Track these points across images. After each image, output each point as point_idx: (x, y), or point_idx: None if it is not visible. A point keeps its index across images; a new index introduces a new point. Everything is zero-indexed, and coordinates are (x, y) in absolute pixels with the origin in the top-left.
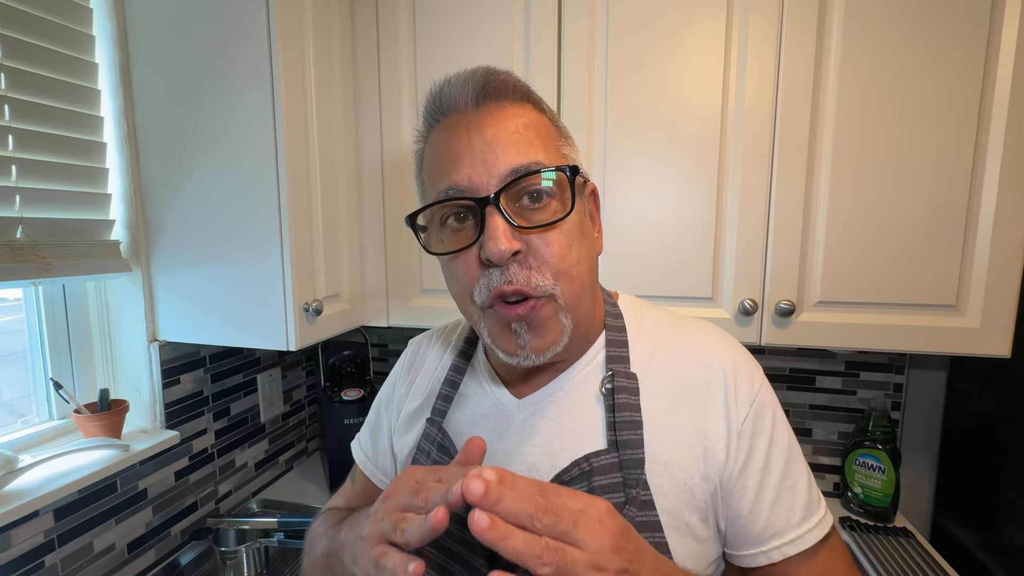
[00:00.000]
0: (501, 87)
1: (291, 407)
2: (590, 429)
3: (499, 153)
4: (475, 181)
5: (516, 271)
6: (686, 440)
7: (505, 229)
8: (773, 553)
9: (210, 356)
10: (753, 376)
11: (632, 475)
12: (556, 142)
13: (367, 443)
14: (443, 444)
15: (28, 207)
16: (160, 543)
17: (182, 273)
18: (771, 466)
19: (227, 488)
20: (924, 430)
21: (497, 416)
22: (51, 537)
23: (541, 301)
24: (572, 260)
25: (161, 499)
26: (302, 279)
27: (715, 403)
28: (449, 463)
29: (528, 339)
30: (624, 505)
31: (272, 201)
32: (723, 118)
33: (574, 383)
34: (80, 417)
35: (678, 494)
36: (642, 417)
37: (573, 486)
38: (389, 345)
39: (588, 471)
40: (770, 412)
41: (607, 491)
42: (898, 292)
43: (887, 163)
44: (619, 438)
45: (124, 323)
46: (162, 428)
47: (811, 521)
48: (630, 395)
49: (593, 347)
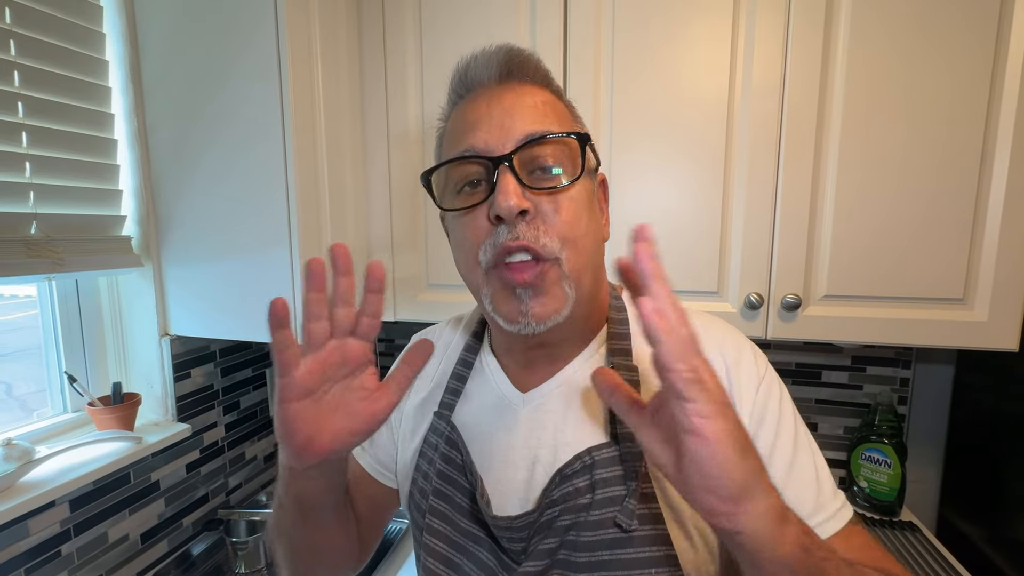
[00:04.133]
0: (524, 65)
1: None
2: (592, 423)
3: (516, 119)
4: (491, 143)
5: (524, 229)
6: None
7: (516, 187)
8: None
9: (220, 350)
10: (757, 367)
11: (633, 468)
12: (571, 123)
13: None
14: (451, 437)
15: (42, 203)
16: (172, 534)
17: (192, 268)
18: (775, 457)
19: (237, 480)
20: (930, 424)
21: (502, 409)
22: (67, 527)
23: (547, 265)
24: (580, 229)
25: (173, 491)
26: None
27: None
28: (457, 458)
29: (530, 305)
30: (624, 498)
31: (280, 195)
32: (729, 111)
33: (577, 376)
34: (94, 410)
35: None
36: None
37: (575, 480)
38: (395, 340)
39: (590, 464)
40: (776, 398)
41: (608, 484)
42: (905, 285)
43: (895, 155)
44: (619, 431)
45: (136, 318)
46: (174, 421)
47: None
48: (631, 387)
49: (596, 339)
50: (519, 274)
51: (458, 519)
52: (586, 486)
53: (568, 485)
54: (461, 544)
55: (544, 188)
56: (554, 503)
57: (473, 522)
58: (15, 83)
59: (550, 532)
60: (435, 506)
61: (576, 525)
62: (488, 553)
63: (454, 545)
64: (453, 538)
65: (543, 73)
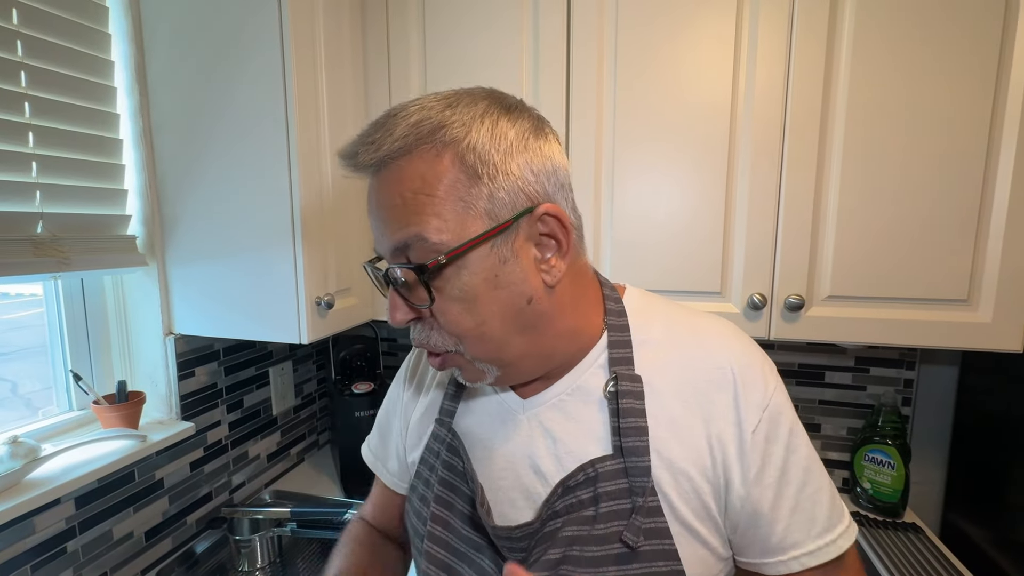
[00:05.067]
0: (378, 152)
1: (302, 400)
2: (596, 432)
3: (383, 230)
4: (379, 250)
5: (419, 331)
6: (695, 446)
7: (398, 303)
8: (792, 563)
9: (224, 349)
10: (767, 380)
11: (638, 482)
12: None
13: (377, 447)
14: (452, 444)
15: (48, 203)
16: (176, 531)
17: (197, 268)
18: (789, 475)
19: (241, 479)
20: (934, 425)
21: (503, 416)
22: (72, 524)
23: (449, 354)
24: (470, 325)
25: (177, 489)
26: (314, 273)
27: (725, 408)
28: (459, 465)
29: (458, 372)
30: (631, 512)
31: (284, 196)
32: (733, 111)
33: (578, 384)
34: (99, 408)
35: (686, 501)
36: (648, 422)
37: (579, 491)
38: (398, 339)
39: (593, 476)
40: (786, 418)
41: (612, 497)
42: (909, 286)
43: (899, 155)
44: (624, 444)
45: (140, 317)
46: (178, 419)
47: (834, 532)
48: (634, 399)
49: (595, 348)
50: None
51: (459, 526)
52: (589, 499)
53: (571, 497)
54: (462, 551)
55: (418, 306)
56: (556, 514)
57: (474, 529)
58: (22, 83)
59: (553, 543)
60: (437, 513)
61: (580, 539)
62: (489, 561)
63: (455, 552)
64: (454, 545)
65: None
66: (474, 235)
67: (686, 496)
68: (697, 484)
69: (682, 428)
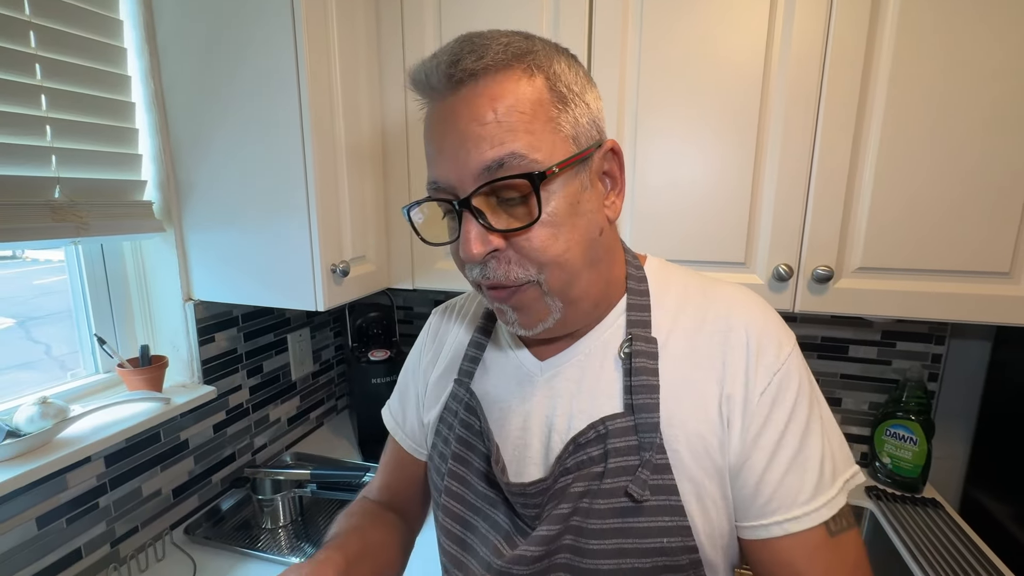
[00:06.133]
0: (477, 62)
1: (320, 366)
2: (608, 392)
3: (471, 149)
4: (451, 179)
5: (494, 267)
6: (705, 406)
7: (478, 233)
8: (773, 528)
9: (242, 315)
10: (781, 344)
11: (647, 439)
12: (548, 115)
13: (397, 410)
14: (470, 404)
15: (64, 167)
16: (202, 490)
17: (213, 234)
18: (786, 439)
19: (262, 441)
20: (962, 401)
21: (520, 378)
22: (103, 481)
23: (523, 288)
24: (557, 250)
25: (201, 449)
26: (329, 240)
27: (736, 369)
28: (476, 424)
29: (516, 317)
30: (638, 468)
31: (298, 160)
32: (765, 73)
33: (594, 346)
34: (124, 371)
35: (696, 460)
36: (660, 381)
37: (589, 448)
38: (414, 308)
39: (604, 434)
40: (795, 384)
41: (621, 453)
42: (946, 258)
43: (943, 117)
44: (635, 402)
45: (160, 282)
46: (200, 383)
47: (819, 500)
48: (648, 359)
49: (613, 311)
50: (498, 294)
51: (475, 482)
52: (599, 455)
53: (582, 454)
54: (478, 507)
55: (511, 227)
56: (567, 471)
57: (490, 486)
58: (31, 44)
59: (564, 498)
60: (454, 470)
61: (589, 493)
62: (504, 516)
63: (471, 507)
64: (470, 500)
65: (504, 54)
66: (562, 158)
67: (695, 454)
68: (707, 443)
69: (694, 389)
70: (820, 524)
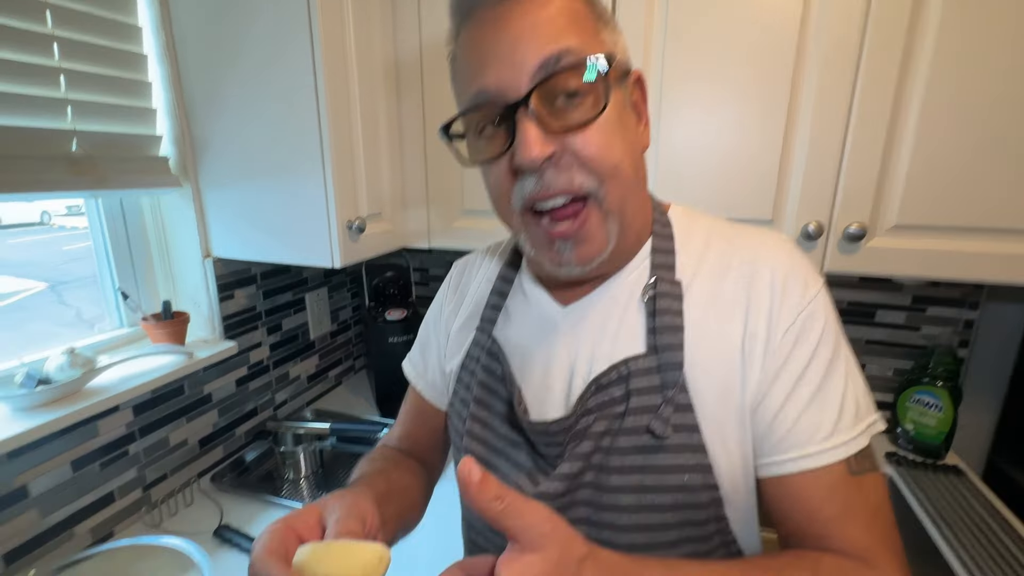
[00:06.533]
0: None
1: (338, 326)
2: (631, 335)
3: (527, 47)
4: (504, 82)
5: (552, 176)
6: (728, 347)
7: (537, 134)
8: (789, 464)
9: (261, 274)
10: (808, 284)
11: (670, 378)
12: (592, 26)
13: (418, 361)
14: (492, 350)
15: (79, 120)
16: (227, 441)
17: (230, 190)
18: (807, 375)
19: (283, 397)
20: (993, 368)
21: (543, 323)
22: (132, 430)
23: (586, 209)
24: (615, 157)
25: (225, 403)
26: (344, 196)
27: (760, 309)
28: (498, 369)
29: (571, 255)
30: (660, 406)
31: (311, 114)
32: (803, 16)
33: (618, 290)
34: (147, 325)
35: (718, 400)
36: (684, 322)
37: (611, 389)
38: (430, 270)
39: (626, 375)
40: (820, 323)
41: (643, 394)
42: (992, 214)
43: (997, 65)
44: (658, 342)
45: (179, 240)
46: (221, 339)
47: (839, 438)
48: (673, 300)
49: (639, 254)
50: (556, 227)
51: (497, 425)
52: (621, 395)
53: (603, 394)
54: (499, 448)
55: (571, 126)
56: (589, 411)
57: (512, 428)
58: None
59: (585, 437)
60: (476, 413)
61: (610, 432)
62: (526, 457)
63: (493, 449)
64: (492, 443)
65: None
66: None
67: (717, 395)
68: (729, 383)
69: (718, 331)
70: (840, 462)
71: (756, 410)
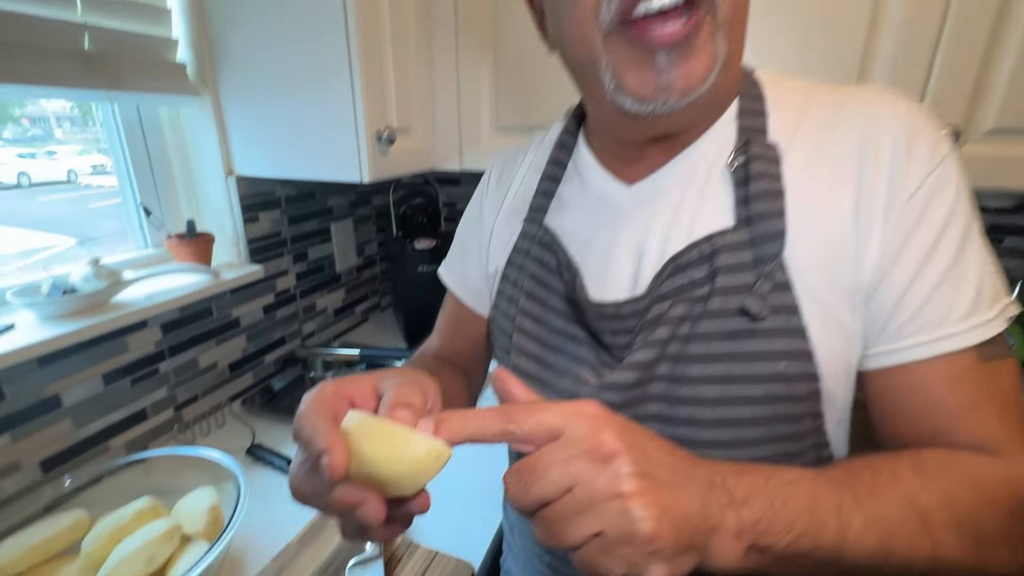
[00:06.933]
0: None
1: (364, 261)
2: (715, 210)
3: None
4: None
5: None
6: (837, 215)
7: None
8: (917, 349)
9: (285, 198)
10: (937, 144)
11: (767, 250)
12: None
13: (456, 265)
14: (544, 240)
15: (89, 12)
16: (256, 368)
17: (252, 101)
18: (941, 247)
19: (311, 328)
20: None
21: (604, 206)
22: (161, 348)
23: (700, 11)
24: None
25: (253, 329)
26: (373, 103)
27: (879, 170)
28: (551, 260)
29: (673, 75)
30: (755, 283)
31: (338, 15)
32: None
33: (698, 160)
34: (172, 243)
35: (823, 277)
36: (783, 187)
37: (690, 271)
38: (458, 204)
39: (709, 253)
40: (952, 188)
41: (732, 272)
42: None
43: None
44: (752, 212)
45: (200, 157)
46: (247, 262)
47: (975, 319)
48: (769, 164)
49: (723, 118)
50: (662, 28)
51: (552, 319)
52: (703, 276)
53: (681, 276)
54: (556, 344)
55: None
56: (663, 297)
57: (570, 322)
58: None
59: (661, 323)
60: (527, 308)
61: (691, 316)
62: (588, 350)
63: (548, 346)
64: (546, 339)
65: None
66: None
67: (823, 270)
68: (838, 257)
69: (824, 197)
70: (971, 346)
71: (876, 289)
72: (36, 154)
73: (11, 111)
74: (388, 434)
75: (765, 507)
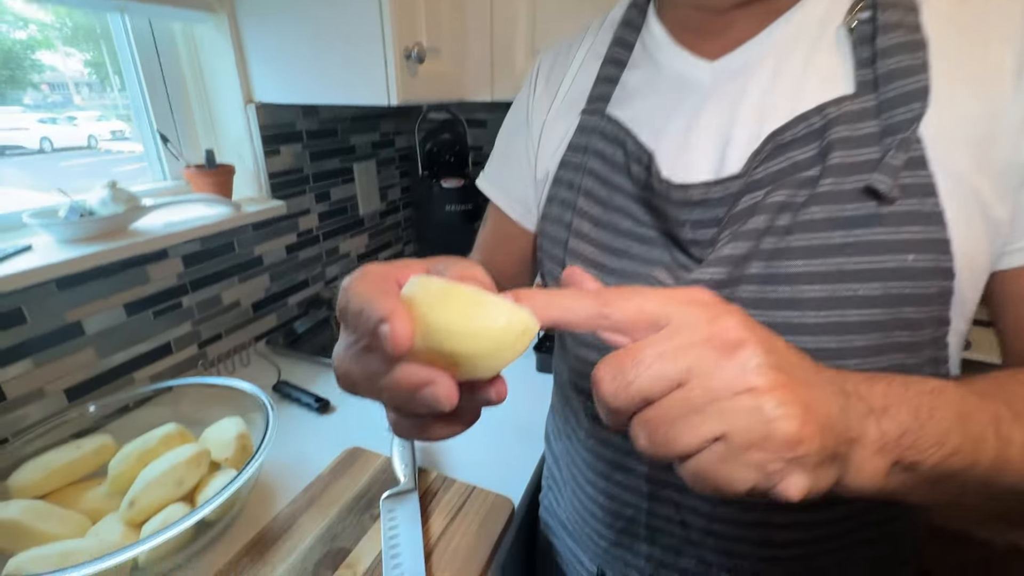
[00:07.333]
0: None
1: (387, 206)
2: (826, 77)
3: None
4: None
5: None
6: (992, 76)
7: None
8: None
9: (307, 131)
10: None
11: (899, 117)
12: None
13: (498, 175)
14: (607, 131)
15: None
16: (279, 309)
17: (271, 20)
18: None
19: (334, 272)
20: None
21: (680, 89)
22: (183, 282)
23: None
24: None
25: (276, 268)
26: (402, 16)
27: None
28: (616, 154)
29: None
30: (882, 158)
31: None
32: None
33: (801, 24)
34: (192, 173)
35: (970, 151)
36: (926, 38)
37: (792, 150)
38: (484, 148)
39: (820, 128)
40: None
41: (851, 146)
42: None
43: None
44: (880, 73)
45: (218, 82)
46: (269, 197)
47: None
48: (904, 12)
49: None
50: None
51: (618, 220)
52: (811, 157)
53: (782, 159)
54: (620, 248)
55: None
56: (758, 184)
57: (638, 223)
58: None
59: (756, 211)
60: (585, 209)
61: (792, 205)
62: (661, 251)
63: (610, 250)
64: (610, 243)
65: None
66: None
67: (970, 142)
68: (990, 125)
69: (971, 51)
70: None
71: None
72: (57, 119)
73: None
74: (462, 300)
75: (910, 418)
